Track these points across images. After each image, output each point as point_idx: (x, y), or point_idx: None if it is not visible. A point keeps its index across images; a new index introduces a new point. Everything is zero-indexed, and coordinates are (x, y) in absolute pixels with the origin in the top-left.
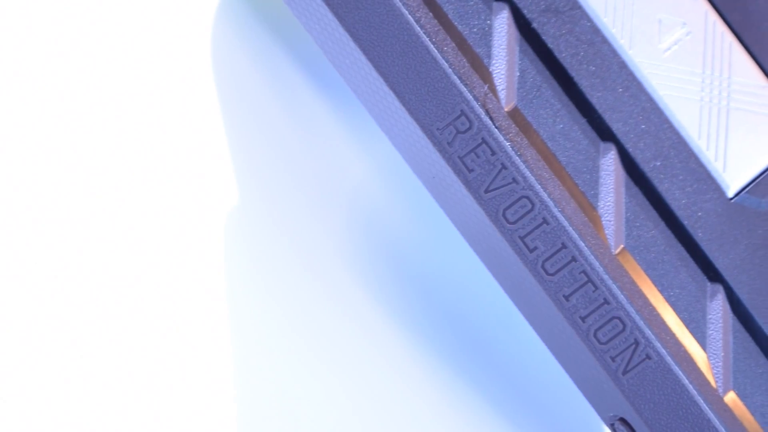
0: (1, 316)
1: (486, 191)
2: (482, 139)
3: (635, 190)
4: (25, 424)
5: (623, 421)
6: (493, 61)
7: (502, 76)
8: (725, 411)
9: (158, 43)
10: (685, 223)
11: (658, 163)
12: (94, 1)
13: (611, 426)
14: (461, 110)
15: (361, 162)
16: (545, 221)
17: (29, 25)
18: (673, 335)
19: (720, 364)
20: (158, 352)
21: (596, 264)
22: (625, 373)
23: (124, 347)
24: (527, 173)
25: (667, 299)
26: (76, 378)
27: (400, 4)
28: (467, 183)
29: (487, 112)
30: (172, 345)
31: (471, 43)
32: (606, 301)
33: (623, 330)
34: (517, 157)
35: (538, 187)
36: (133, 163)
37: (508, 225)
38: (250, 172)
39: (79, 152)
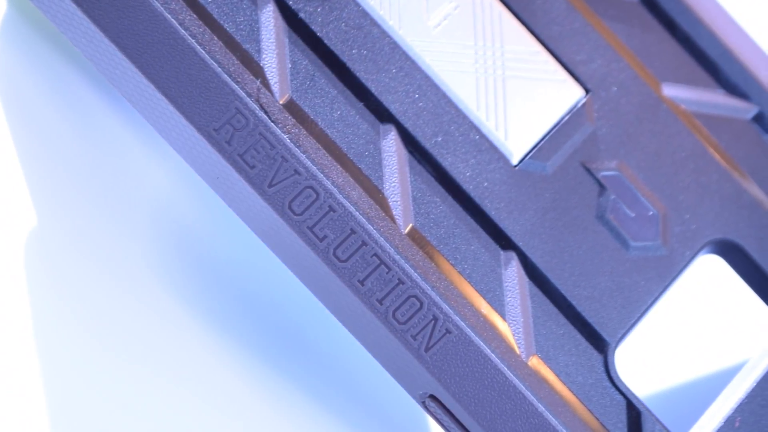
0: None
1: (269, 186)
2: (260, 134)
3: (419, 168)
4: None
5: (433, 397)
6: (263, 56)
7: (274, 70)
8: (530, 375)
9: None
10: (473, 194)
11: (440, 139)
12: None
13: (423, 404)
14: (236, 108)
15: (156, 168)
16: (332, 209)
17: None
18: (471, 307)
19: (521, 330)
20: None
21: (387, 246)
22: (427, 349)
23: None
24: (308, 163)
25: (462, 272)
26: None
27: (162, 9)
28: (250, 180)
29: (262, 107)
30: None
31: (239, 40)
32: (401, 281)
33: (421, 308)
34: (296, 149)
35: (320, 175)
36: None
37: (295, 217)
38: (43, 186)
39: None
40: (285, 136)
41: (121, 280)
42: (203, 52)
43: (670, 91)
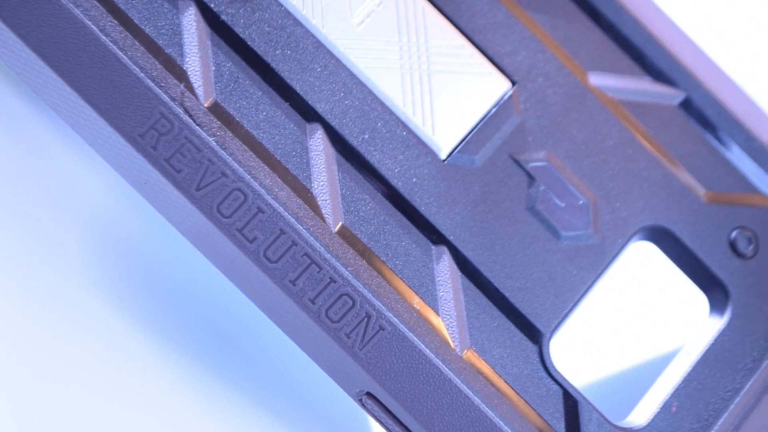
0: None
1: (197, 189)
2: (185, 137)
3: (347, 166)
4: None
5: (370, 395)
6: (186, 59)
7: (197, 73)
8: (465, 369)
9: None
10: (402, 190)
11: (367, 136)
12: None
13: (360, 402)
14: (160, 112)
15: (83, 176)
16: (260, 210)
17: None
18: (404, 303)
19: (454, 323)
20: None
21: (317, 245)
22: (361, 347)
23: None
24: (235, 165)
25: (393, 268)
26: None
27: (82, 16)
28: (177, 184)
29: (186, 111)
30: None
31: (161, 45)
32: (332, 280)
33: (353, 305)
34: (222, 151)
35: (248, 177)
36: None
37: (224, 219)
38: None
39: None
40: (211, 139)
41: (50, 291)
42: (125, 57)
43: (596, 80)
